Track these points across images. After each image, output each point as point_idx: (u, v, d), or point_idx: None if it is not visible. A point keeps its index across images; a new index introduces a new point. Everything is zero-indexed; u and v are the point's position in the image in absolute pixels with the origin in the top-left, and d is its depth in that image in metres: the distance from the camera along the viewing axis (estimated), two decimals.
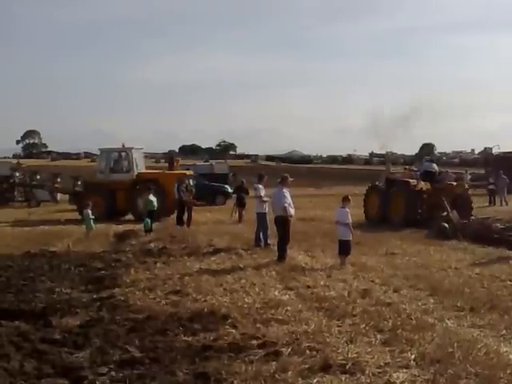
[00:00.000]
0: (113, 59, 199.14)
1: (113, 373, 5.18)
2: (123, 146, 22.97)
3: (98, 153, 24.64)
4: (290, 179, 11.85)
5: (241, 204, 20.79)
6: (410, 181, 17.83)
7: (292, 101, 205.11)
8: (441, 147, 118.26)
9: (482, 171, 40.39)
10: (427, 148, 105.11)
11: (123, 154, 22.91)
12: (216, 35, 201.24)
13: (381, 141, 23.05)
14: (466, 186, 18.88)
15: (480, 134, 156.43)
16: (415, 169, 20.41)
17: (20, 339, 6.25)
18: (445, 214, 15.89)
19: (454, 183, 18.42)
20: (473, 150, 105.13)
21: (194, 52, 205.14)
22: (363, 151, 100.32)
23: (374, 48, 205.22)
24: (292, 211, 11.40)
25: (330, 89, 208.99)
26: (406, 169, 21.88)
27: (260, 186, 13.55)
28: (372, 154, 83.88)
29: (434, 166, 18.87)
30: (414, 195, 17.25)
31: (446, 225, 14.80)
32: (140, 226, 17.46)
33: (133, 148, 22.94)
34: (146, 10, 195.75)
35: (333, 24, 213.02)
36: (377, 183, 19.71)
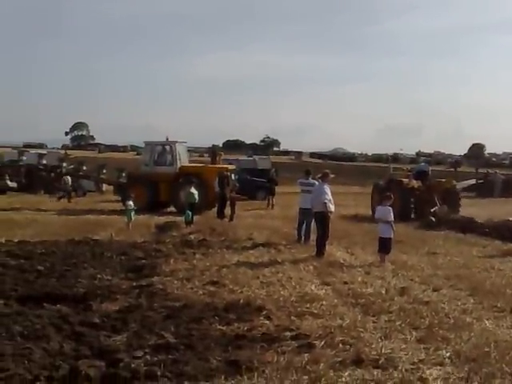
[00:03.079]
0: (163, 54, 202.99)
1: (148, 357, 5.28)
2: (167, 139, 23.31)
3: (143, 146, 25.09)
4: (331, 175, 11.75)
5: (271, 193, 25.85)
6: (404, 180, 20.32)
7: (338, 98, 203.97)
8: (491, 148, 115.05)
9: None
10: (476, 148, 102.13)
11: (167, 147, 23.23)
12: (265, 31, 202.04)
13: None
14: (454, 183, 21.34)
15: None
16: (410, 168, 23.88)
17: (60, 321, 6.43)
18: (433, 209, 18.32)
19: (443, 180, 21.06)
20: None
21: (243, 48, 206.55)
22: (410, 150, 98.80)
23: (427, 47, 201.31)
24: (332, 207, 11.30)
25: (379, 86, 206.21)
26: (403, 169, 24.51)
27: (312, 181, 13.16)
28: (419, 154, 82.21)
29: (427, 166, 21.86)
30: (407, 193, 19.40)
31: (433, 218, 17.38)
32: (181, 218, 17.68)
33: (176, 142, 23.24)
34: (198, 6, 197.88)
35: (385, 21, 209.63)
36: (379, 182, 21.61)
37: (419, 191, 19.67)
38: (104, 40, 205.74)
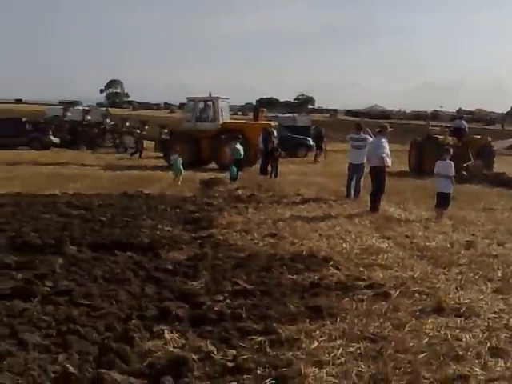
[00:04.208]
0: (195, 12, 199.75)
1: (228, 301, 5.44)
2: (210, 95, 23.17)
3: (186, 101, 25.03)
4: (390, 129, 11.58)
5: (320, 148, 27.69)
6: (439, 137, 20.83)
7: (376, 53, 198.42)
8: None
9: None
10: None
11: (209, 103, 23.11)
12: None
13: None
14: (489, 139, 21.60)
15: None
16: (447, 125, 25.05)
17: (136, 267, 6.65)
18: (466, 163, 18.68)
19: (479, 137, 21.64)
20: None
21: (278, 4, 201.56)
22: (450, 108, 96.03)
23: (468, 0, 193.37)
24: (389, 162, 11.17)
25: (418, 41, 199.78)
26: (441, 126, 25.17)
27: (363, 136, 13.02)
28: (459, 111, 79.62)
29: (464, 123, 22.18)
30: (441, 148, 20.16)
31: (465, 172, 17.64)
32: (225, 174, 17.77)
33: (219, 97, 23.09)
34: None
35: None
36: (417, 139, 22.42)
37: (454, 147, 20.12)
38: None
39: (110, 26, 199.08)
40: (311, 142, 29.54)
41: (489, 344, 4.33)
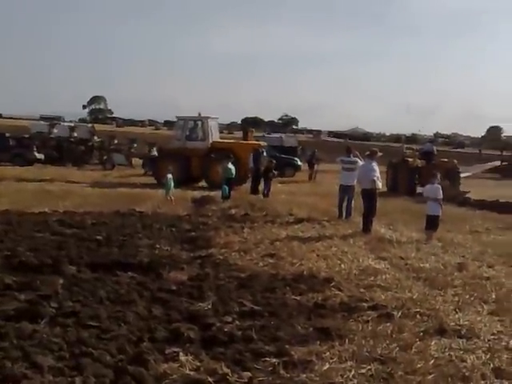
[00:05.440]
0: (178, 29, 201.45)
1: (237, 322, 5.55)
2: (199, 115, 23.43)
3: (170, 119, 25.26)
4: (379, 154, 11.90)
5: (311, 168, 28.84)
6: (409, 159, 22.81)
7: (358, 76, 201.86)
8: (510, 131, 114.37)
9: None
10: (494, 131, 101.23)
11: (199, 122, 23.37)
12: (286, 8, 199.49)
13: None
14: (455, 162, 23.16)
15: None
16: (418, 148, 26.55)
17: (140, 288, 6.71)
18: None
19: (446, 160, 23.29)
20: None
21: (262, 24, 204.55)
22: (429, 131, 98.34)
23: (444, 26, 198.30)
24: (380, 184, 11.48)
25: (399, 65, 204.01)
26: (412, 149, 26.46)
27: (353, 159, 13.34)
28: (437, 135, 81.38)
29: (433, 147, 24.25)
30: (411, 171, 22.24)
31: None
32: (216, 193, 17.89)
33: (209, 117, 23.37)
34: None
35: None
36: (392, 161, 24.22)
37: (423, 169, 21.48)
38: (121, 11, 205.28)
39: (93, 39, 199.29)
40: (299, 162, 29.93)
41: (492, 365, 4.52)
